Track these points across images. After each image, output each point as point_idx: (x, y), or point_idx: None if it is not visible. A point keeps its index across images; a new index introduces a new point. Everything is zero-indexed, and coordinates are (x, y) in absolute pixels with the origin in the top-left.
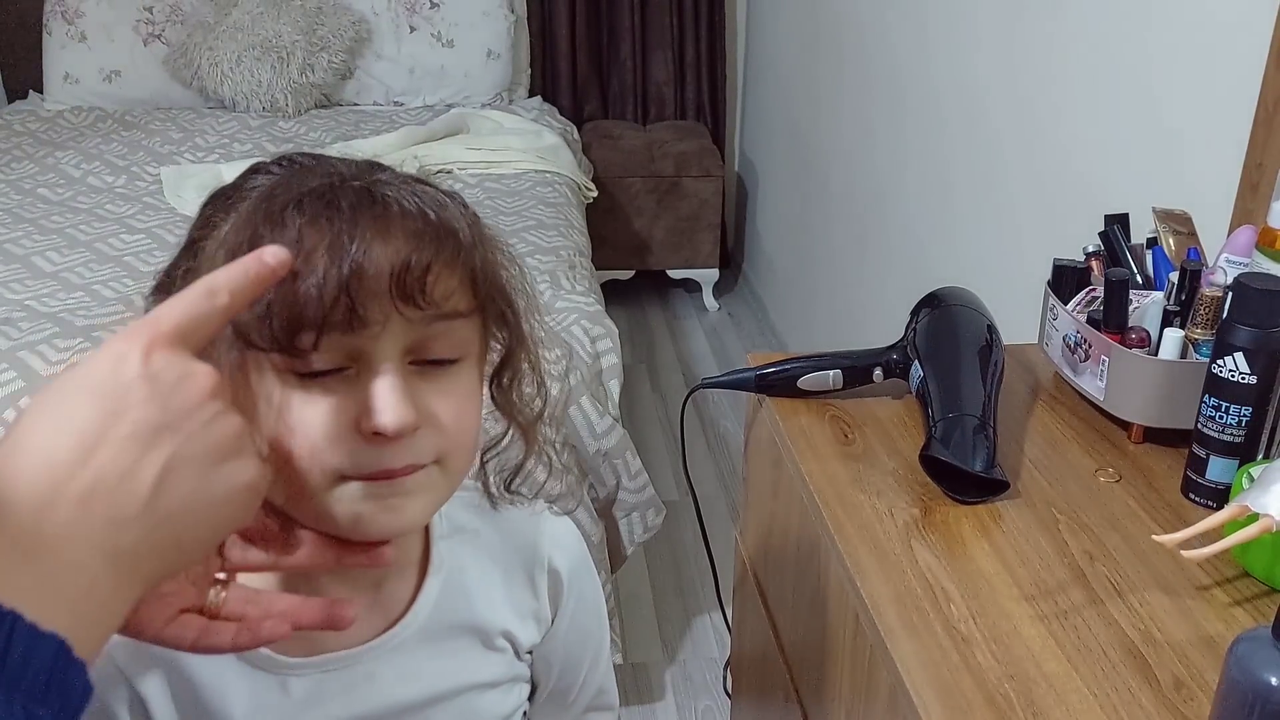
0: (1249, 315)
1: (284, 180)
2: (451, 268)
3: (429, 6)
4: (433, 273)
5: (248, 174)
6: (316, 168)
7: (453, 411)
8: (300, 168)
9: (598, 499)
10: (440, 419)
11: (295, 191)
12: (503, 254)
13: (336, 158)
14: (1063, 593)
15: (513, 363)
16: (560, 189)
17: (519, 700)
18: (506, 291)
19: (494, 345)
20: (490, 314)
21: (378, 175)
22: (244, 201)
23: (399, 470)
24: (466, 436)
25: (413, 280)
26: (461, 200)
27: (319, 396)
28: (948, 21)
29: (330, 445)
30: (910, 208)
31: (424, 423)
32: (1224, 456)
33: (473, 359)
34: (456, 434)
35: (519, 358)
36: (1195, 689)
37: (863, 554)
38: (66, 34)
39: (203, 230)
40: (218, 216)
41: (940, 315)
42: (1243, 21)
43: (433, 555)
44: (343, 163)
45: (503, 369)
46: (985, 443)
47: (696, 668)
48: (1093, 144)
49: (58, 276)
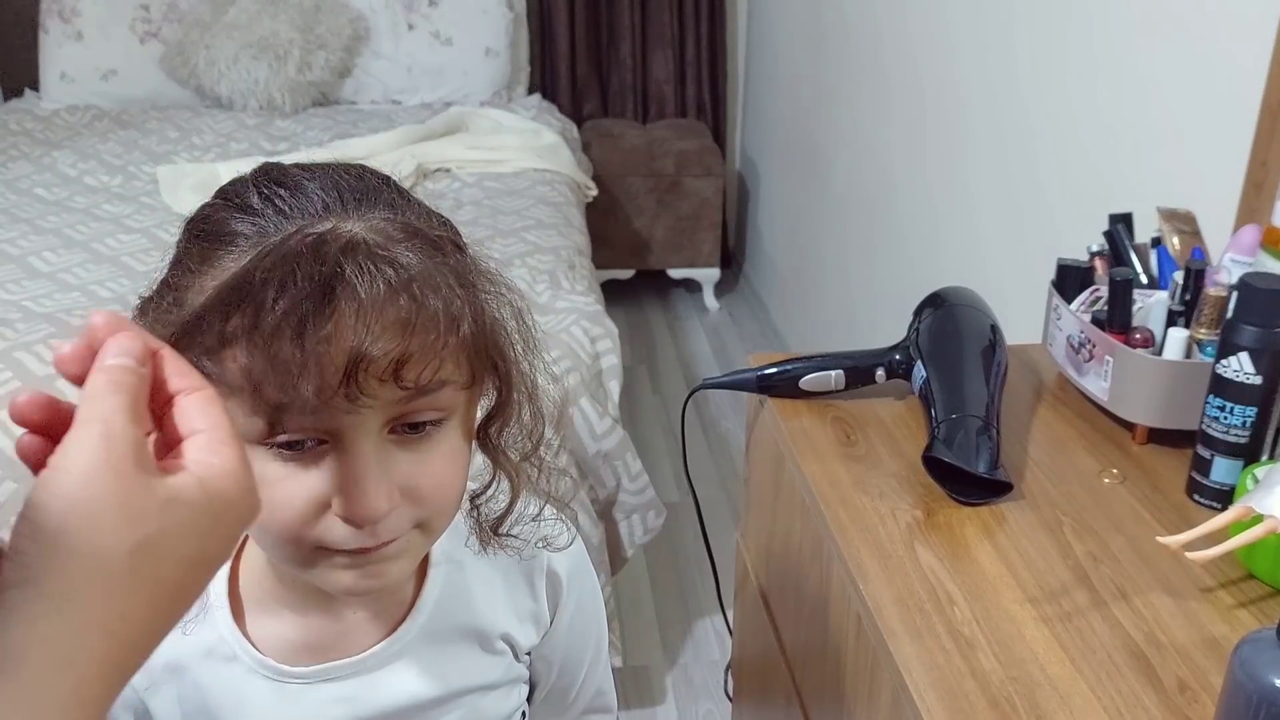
0: (1254, 315)
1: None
2: (436, 351)
3: (427, 4)
4: (414, 363)
5: (227, 207)
6: (292, 214)
7: (434, 480)
8: (276, 212)
9: (598, 501)
10: (420, 491)
11: (271, 274)
12: (499, 289)
13: (318, 188)
14: (1066, 595)
15: (503, 412)
16: (560, 188)
17: (518, 701)
18: (499, 344)
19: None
20: (481, 370)
21: (358, 237)
22: (220, 251)
23: (375, 547)
24: (448, 501)
25: (394, 371)
26: (453, 239)
27: (296, 470)
28: (949, 20)
29: (306, 523)
30: (913, 207)
31: (402, 500)
32: (1229, 457)
33: (458, 414)
34: (437, 502)
35: (510, 404)
36: (1199, 691)
37: (865, 556)
38: (63, 32)
39: (178, 273)
40: (192, 263)
41: (943, 315)
42: (1247, 21)
43: (432, 560)
44: (323, 198)
45: (492, 419)
46: (988, 444)
47: (697, 670)
48: (1097, 143)
49: (54, 277)
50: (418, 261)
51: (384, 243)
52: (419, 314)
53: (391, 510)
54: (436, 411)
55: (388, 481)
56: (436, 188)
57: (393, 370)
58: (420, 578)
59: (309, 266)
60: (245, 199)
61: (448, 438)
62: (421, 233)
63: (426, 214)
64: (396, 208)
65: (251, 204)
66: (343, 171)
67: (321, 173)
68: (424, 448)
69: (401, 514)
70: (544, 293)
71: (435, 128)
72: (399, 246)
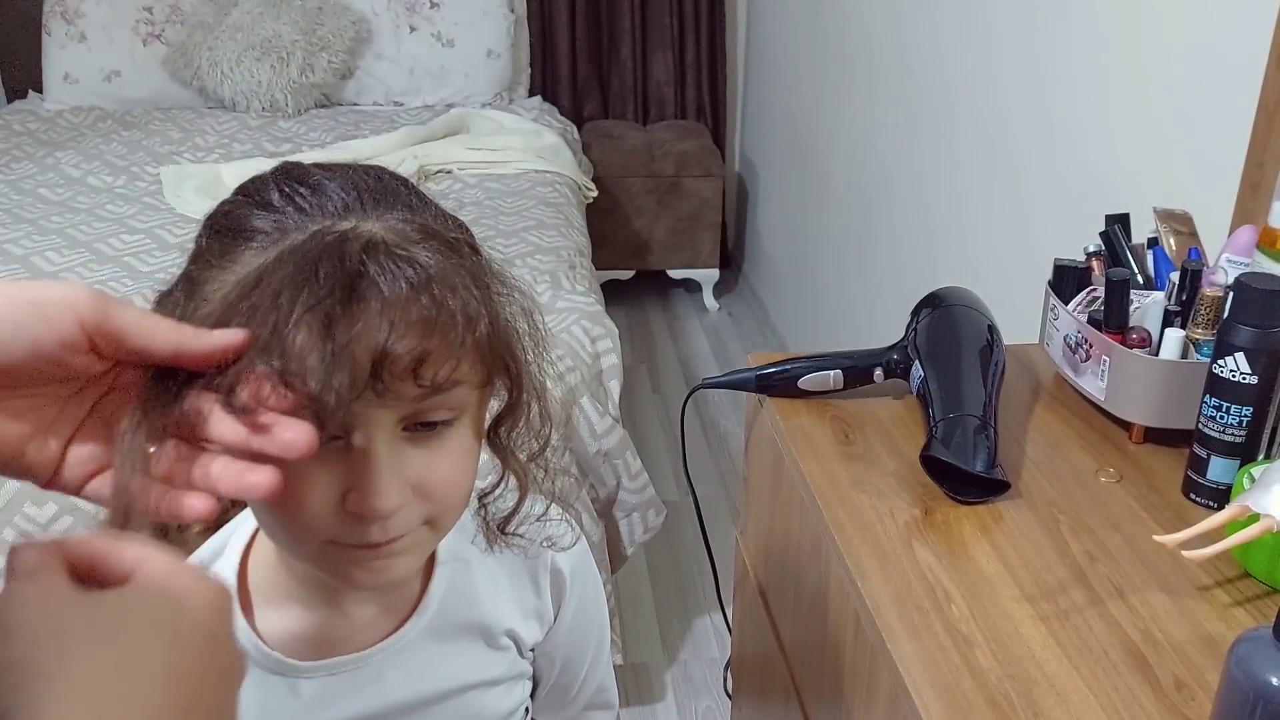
0: (1250, 315)
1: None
2: (455, 350)
3: (429, 6)
4: (434, 361)
5: (247, 203)
6: (312, 212)
7: (444, 477)
8: (296, 210)
9: (598, 499)
10: (430, 488)
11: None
12: (510, 290)
13: (338, 188)
14: (1063, 593)
15: (514, 413)
16: (560, 189)
17: (521, 697)
18: (512, 346)
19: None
20: (494, 370)
21: (378, 237)
22: (240, 245)
23: (385, 542)
24: (458, 498)
25: (413, 369)
26: (468, 241)
27: (310, 466)
28: (948, 22)
29: (318, 519)
30: (911, 207)
31: (413, 496)
32: (1225, 457)
33: (470, 413)
34: (446, 499)
35: (520, 405)
36: (1196, 689)
37: (863, 554)
38: (66, 34)
39: (198, 267)
40: (213, 257)
41: (941, 315)
42: (1243, 22)
43: (439, 557)
44: (342, 198)
45: (503, 419)
46: (986, 443)
47: (697, 668)
48: (1094, 144)
49: (57, 277)
50: (436, 262)
51: (403, 243)
52: (440, 313)
53: (403, 506)
54: (449, 410)
55: (400, 478)
56: (438, 189)
57: (412, 368)
58: (427, 574)
59: (332, 265)
60: (266, 196)
61: (459, 436)
62: (439, 234)
63: (442, 216)
64: (414, 209)
65: (272, 201)
66: (362, 173)
67: (341, 173)
68: (435, 445)
69: (411, 510)
70: (545, 293)
71: (437, 129)
72: (417, 247)
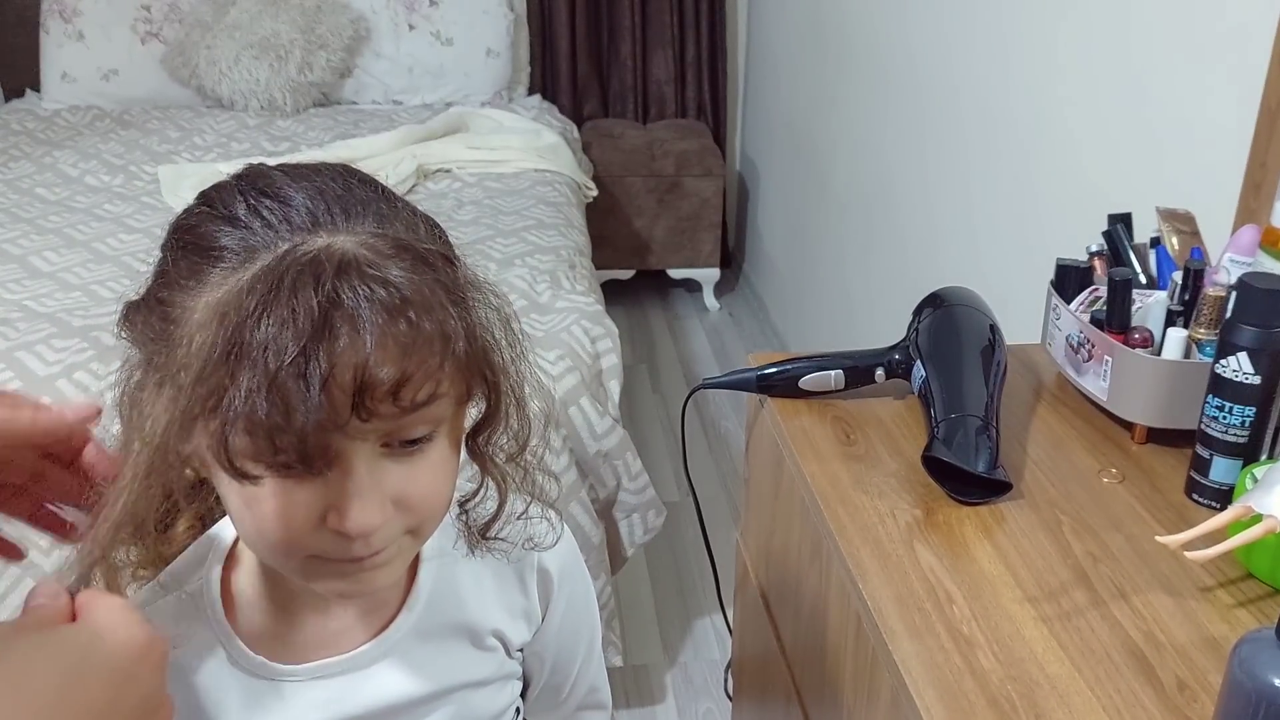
0: (1252, 315)
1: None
2: (433, 371)
3: (428, 4)
4: (413, 384)
5: (212, 216)
6: (279, 226)
7: (424, 490)
8: (263, 225)
9: (598, 500)
10: (411, 501)
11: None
12: (487, 298)
13: (305, 199)
14: (1065, 594)
15: (493, 420)
16: (560, 188)
17: (511, 697)
18: (489, 356)
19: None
20: (472, 383)
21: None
22: (208, 266)
23: (368, 556)
24: (438, 508)
25: (393, 392)
26: (442, 251)
27: (291, 486)
28: (949, 20)
29: (300, 537)
30: (912, 207)
31: (394, 510)
32: (1227, 457)
33: (447, 425)
34: (427, 509)
35: (499, 413)
36: (1199, 690)
37: (864, 555)
38: (64, 32)
39: (166, 289)
40: (181, 277)
41: (942, 315)
42: (1246, 22)
43: (423, 557)
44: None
45: (481, 427)
46: (988, 443)
47: (697, 670)
48: (1096, 143)
49: (55, 276)
50: (410, 281)
51: (375, 259)
52: (417, 336)
53: (385, 522)
54: (428, 425)
55: (380, 495)
56: (437, 188)
57: (392, 391)
58: (411, 575)
59: (306, 294)
60: (231, 209)
61: (437, 448)
62: (411, 248)
63: (414, 221)
64: (384, 217)
65: (238, 214)
66: (329, 178)
67: (308, 179)
68: (414, 459)
69: (393, 524)
70: (544, 292)
71: (436, 128)
72: (389, 263)
